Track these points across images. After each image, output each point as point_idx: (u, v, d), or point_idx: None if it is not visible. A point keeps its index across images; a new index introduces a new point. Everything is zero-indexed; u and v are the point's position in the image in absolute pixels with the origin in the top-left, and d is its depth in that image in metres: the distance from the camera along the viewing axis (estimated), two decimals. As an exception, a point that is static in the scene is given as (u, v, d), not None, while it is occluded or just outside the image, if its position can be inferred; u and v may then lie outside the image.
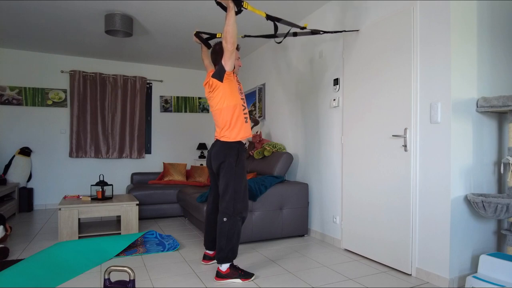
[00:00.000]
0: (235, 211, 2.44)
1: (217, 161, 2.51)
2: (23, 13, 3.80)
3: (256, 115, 5.05)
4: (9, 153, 5.14)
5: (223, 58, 2.38)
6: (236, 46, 2.52)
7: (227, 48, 2.31)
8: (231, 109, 2.46)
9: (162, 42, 4.77)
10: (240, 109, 2.51)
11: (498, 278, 2.10)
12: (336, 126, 3.37)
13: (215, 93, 2.46)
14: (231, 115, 2.47)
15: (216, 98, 2.47)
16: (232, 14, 2.27)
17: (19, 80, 5.21)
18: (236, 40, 2.31)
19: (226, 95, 2.44)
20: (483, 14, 2.47)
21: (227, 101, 2.45)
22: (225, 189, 2.47)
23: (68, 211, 3.36)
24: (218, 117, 2.51)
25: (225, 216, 2.43)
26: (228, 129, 2.48)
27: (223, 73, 2.41)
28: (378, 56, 2.86)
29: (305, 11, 3.76)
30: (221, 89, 2.44)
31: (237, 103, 2.48)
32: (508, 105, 2.24)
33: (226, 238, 2.42)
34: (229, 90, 2.45)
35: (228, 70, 2.41)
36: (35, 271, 2.47)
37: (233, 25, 2.27)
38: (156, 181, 5.08)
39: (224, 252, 2.41)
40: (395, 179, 2.68)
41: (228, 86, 2.45)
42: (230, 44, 2.28)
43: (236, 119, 2.48)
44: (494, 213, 2.17)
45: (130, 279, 1.74)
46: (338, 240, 3.30)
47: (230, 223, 2.42)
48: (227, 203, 2.44)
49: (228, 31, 2.26)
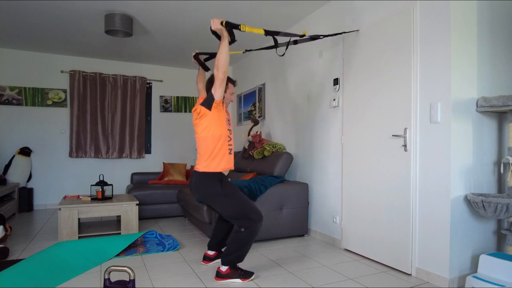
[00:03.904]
0: (253, 221, 2.40)
1: (200, 194, 2.49)
2: (23, 13, 3.80)
3: (256, 115, 5.05)
4: (9, 153, 5.13)
5: (213, 86, 2.37)
6: (233, 81, 2.58)
7: (218, 76, 2.31)
8: (216, 139, 2.43)
9: (162, 42, 4.77)
10: (225, 140, 2.47)
11: (498, 278, 2.10)
12: (336, 126, 3.37)
13: (201, 120, 2.43)
14: (214, 144, 2.43)
15: (202, 126, 2.43)
16: (225, 43, 2.28)
17: (19, 80, 5.21)
18: (227, 69, 2.33)
19: (212, 124, 2.41)
20: (483, 14, 2.47)
21: (212, 130, 2.41)
22: (229, 214, 2.45)
23: (68, 211, 3.36)
24: (201, 145, 2.47)
25: (244, 227, 2.40)
26: (209, 159, 2.43)
27: (212, 101, 2.39)
28: (378, 56, 2.86)
29: (305, 12, 3.76)
30: (209, 117, 2.41)
31: (223, 133, 2.45)
32: (508, 105, 2.24)
33: (239, 245, 2.40)
34: (217, 119, 2.42)
35: (218, 99, 2.38)
36: (35, 271, 2.47)
37: (226, 54, 2.28)
38: (156, 181, 5.09)
39: (231, 257, 2.42)
40: (395, 179, 2.68)
41: (216, 115, 2.42)
42: (221, 72, 2.29)
43: (219, 150, 2.43)
44: (494, 213, 2.17)
45: (130, 279, 1.74)
46: (338, 240, 3.30)
47: (247, 232, 2.39)
48: (242, 222, 2.41)
49: (220, 59, 2.27)
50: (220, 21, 2.27)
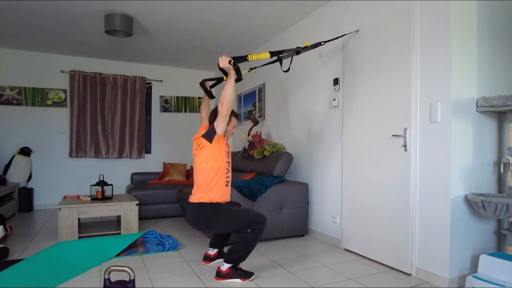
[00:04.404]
0: (257, 223, 2.41)
1: (196, 225, 2.54)
2: (23, 13, 3.80)
3: (256, 115, 5.05)
4: (9, 153, 5.13)
5: (216, 121, 2.42)
6: (236, 115, 2.63)
7: (222, 111, 2.36)
8: (214, 171, 2.46)
9: (162, 42, 4.77)
10: (223, 172, 2.50)
11: (498, 278, 2.10)
12: (336, 126, 3.37)
13: (201, 151, 2.46)
14: (212, 176, 2.45)
15: (201, 157, 2.47)
16: (232, 81, 2.35)
17: (19, 80, 5.21)
18: (231, 105, 2.39)
19: (212, 156, 2.45)
20: (483, 14, 2.47)
21: (211, 162, 2.45)
22: (234, 230, 2.46)
23: (68, 211, 3.36)
24: (198, 175, 2.49)
25: (250, 228, 2.41)
26: (205, 190, 2.45)
27: (213, 134, 2.43)
28: (378, 56, 2.86)
29: (304, 12, 3.76)
30: (209, 150, 2.45)
31: (222, 166, 2.48)
32: (508, 104, 2.24)
33: (244, 245, 2.42)
34: (217, 152, 2.46)
35: (219, 133, 2.43)
36: (35, 271, 2.47)
37: (232, 92, 2.34)
38: (156, 181, 5.09)
39: (236, 256, 2.43)
40: (395, 179, 2.68)
41: (216, 148, 2.46)
42: (225, 108, 2.35)
43: (216, 182, 2.46)
44: (494, 213, 2.17)
45: (130, 279, 1.74)
46: (338, 240, 3.30)
47: (253, 233, 2.40)
48: (246, 231, 2.40)
49: (225, 96, 2.33)
50: (228, 59, 2.35)
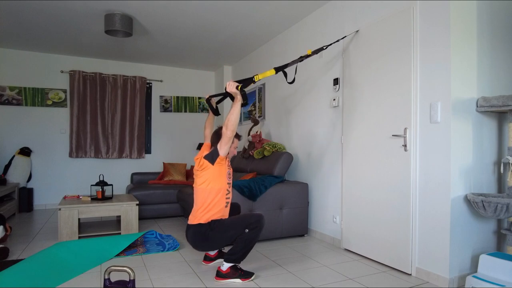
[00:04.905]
0: (253, 223, 2.42)
1: (199, 247, 2.55)
2: (23, 12, 3.79)
3: (256, 115, 5.05)
4: (9, 153, 5.13)
5: (219, 143, 2.43)
6: (239, 136, 2.63)
7: (226, 134, 2.38)
8: (214, 192, 2.47)
9: (162, 42, 4.77)
10: (223, 194, 2.51)
11: (498, 277, 2.10)
12: (336, 126, 3.37)
13: (203, 172, 2.48)
14: (212, 197, 2.46)
15: (202, 178, 2.48)
16: (238, 105, 2.39)
17: (19, 80, 5.21)
18: (236, 129, 2.42)
19: (213, 177, 2.46)
20: (483, 14, 2.47)
21: (212, 183, 2.46)
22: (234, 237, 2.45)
23: (68, 211, 3.36)
24: (198, 196, 2.50)
25: (247, 229, 2.42)
26: (204, 211, 2.46)
27: (216, 157, 2.45)
28: (378, 56, 2.86)
29: (305, 12, 3.76)
30: (210, 171, 2.46)
31: (222, 187, 2.49)
32: (508, 104, 2.24)
33: (244, 244, 2.42)
34: (218, 174, 2.47)
35: (222, 155, 2.44)
36: (35, 271, 2.47)
37: (237, 115, 2.39)
38: (156, 181, 5.09)
39: (236, 255, 2.43)
40: (395, 179, 2.68)
41: (218, 169, 2.47)
42: (230, 131, 2.38)
43: (215, 203, 2.47)
44: (494, 213, 2.17)
45: (130, 279, 1.74)
46: (338, 240, 3.30)
47: (251, 232, 2.41)
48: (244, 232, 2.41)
49: (231, 119, 2.37)
50: (236, 85, 2.38)
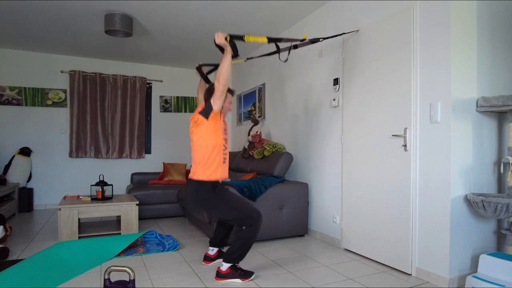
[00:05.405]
0: (252, 218, 2.43)
1: (195, 203, 2.52)
2: (23, 13, 3.79)
3: (256, 115, 5.05)
4: (9, 153, 5.13)
5: (212, 97, 2.43)
6: (232, 91, 2.63)
7: (218, 88, 2.37)
8: (211, 148, 2.46)
9: (162, 42, 4.77)
10: (220, 149, 2.51)
11: (498, 277, 2.10)
12: (336, 126, 3.37)
13: (198, 128, 2.47)
14: (209, 153, 2.46)
15: (198, 134, 2.48)
16: (228, 57, 2.36)
17: (19, 80, 5.21)
18: (228, 82, 2.41)
19: (209, 133, 2.46)
20: (483, 14, 2.47)
21: (208, 139, 2.46)
22: (228, 217, 2.48)
23: (68, 211, 3.36)
24: (196, 153, 2.50)
25: (244, 225, 2.44)
26: (203, 167, 2.46)
27: (210, 111, 2.44)
28: (378, 56, 2.86)
29: (305, 12, 3.76)
30: (205, 126, 2.45)
31: (218, 143, 2.49)
32: (508, 104, 2.24)
33: (242, 243, 2.44)
34: (213, 129, 2.47)
35: (216, 109, 2.44)
36: (35, 271, 2.47)
37: (228, 68, 2.36)
38: (156, 181, 5.08)
39: (234, 255, 2.44)
40: (395, 179, 2.68)
41: (213, 124, 2.46)
42: (222, 85, 2.36)
43: (213, 159, 2.47)
44: (494, 213, 2.17)
45: (130, 279, 1.74)
46: (338, 240, 3.30)
47: (248, 230, 2.43)
48: (242, 221, 2.44)
49: (222, 73, 2.35)
50: (224, 36, 2.35)
